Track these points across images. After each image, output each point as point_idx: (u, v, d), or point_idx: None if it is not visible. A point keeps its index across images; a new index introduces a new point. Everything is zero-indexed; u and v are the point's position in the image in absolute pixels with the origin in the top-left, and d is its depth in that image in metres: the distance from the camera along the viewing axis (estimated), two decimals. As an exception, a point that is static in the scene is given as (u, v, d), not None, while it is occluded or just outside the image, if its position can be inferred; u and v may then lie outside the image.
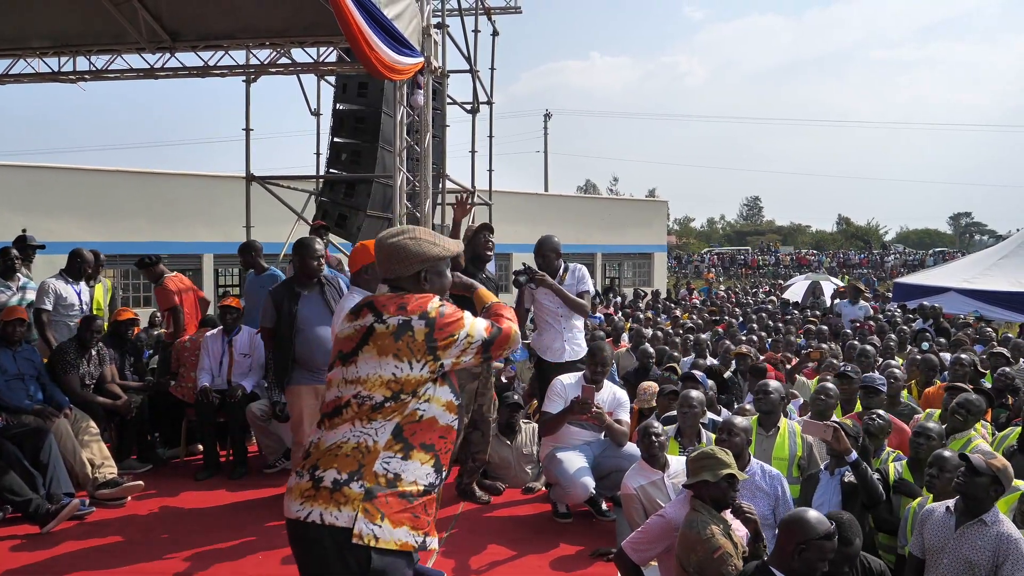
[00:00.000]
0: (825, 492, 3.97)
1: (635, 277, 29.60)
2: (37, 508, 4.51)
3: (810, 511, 2.82)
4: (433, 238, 2.42)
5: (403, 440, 2.18)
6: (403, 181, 7.01)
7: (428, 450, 2.22)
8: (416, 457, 2.19)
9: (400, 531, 2.13)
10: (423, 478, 2.20)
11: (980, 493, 3.18)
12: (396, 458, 2.17)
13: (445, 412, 2.27)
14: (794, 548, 2.70)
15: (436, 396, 2.25)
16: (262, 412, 5.55)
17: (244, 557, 4.21)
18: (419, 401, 2.22)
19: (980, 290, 13.00)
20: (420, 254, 2.36)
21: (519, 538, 4.48)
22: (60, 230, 15.47)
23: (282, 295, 4.67)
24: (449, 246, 2.44)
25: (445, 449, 2.28)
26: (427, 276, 2.37)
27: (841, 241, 62.07)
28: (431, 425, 2.23)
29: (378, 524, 2.10)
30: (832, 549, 2.74)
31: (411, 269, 2.35)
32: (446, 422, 2.27)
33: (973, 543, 3.14)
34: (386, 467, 2.15)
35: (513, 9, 13.45)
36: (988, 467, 3.19)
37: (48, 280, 5.95)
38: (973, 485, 3.18)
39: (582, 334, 5.28)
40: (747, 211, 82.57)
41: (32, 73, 8.20)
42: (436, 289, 2.38)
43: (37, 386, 5.23)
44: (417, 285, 2.37)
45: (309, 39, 7.77)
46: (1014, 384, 5.98)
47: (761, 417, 4.62)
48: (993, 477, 3.19)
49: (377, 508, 2.11)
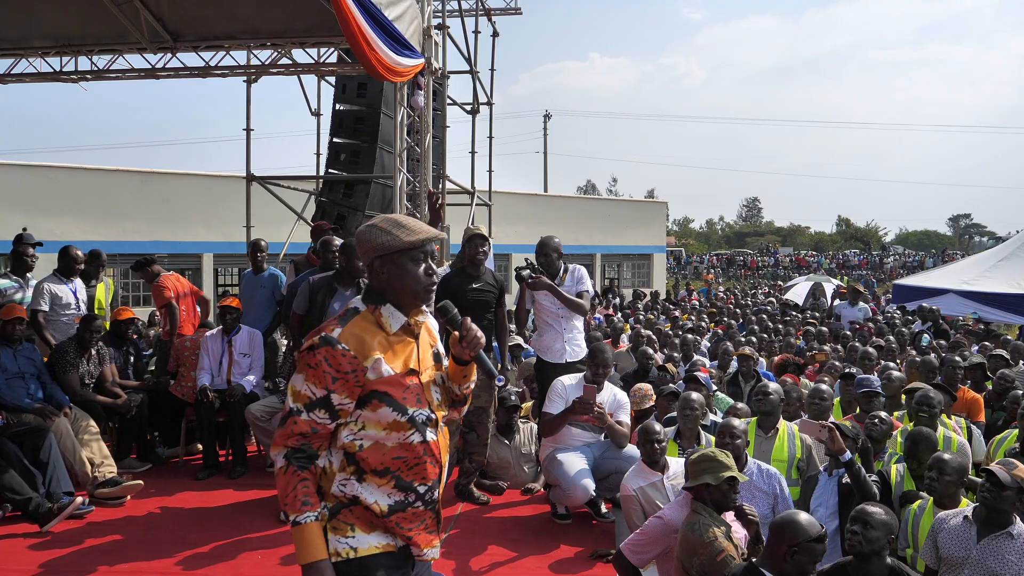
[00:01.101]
0: (823, 493, 3.98)
1: (634, 278, 29.60)
2: (37, 507, 4.52)
3: (801, 513, 2.82)
4: (390, 225, 2.11)
5: (355, 463, 2.07)
6: (403, 182, 7.02)
7: (383, 475, 2.08)
8: (371, 481, 2.07)
9: (375, 536, 2.08)
10: (384, 499, 2.08)
11: (1006, 506, 3.16)
12: (351, 480, 2.07)
13: (390, 434, 2.07)
14: (786, 550, 2.70)
15: (370, 422, 2.06)
16: (262, 412, 5.55)
17: (243, 557, 4.21)
18: (347, 430, 2.06)
19: (979, 292, 12.99)
20: (366, 243, 2.12)
21: (518, 539, 4.48)
22: (60, 229, 15.48)
23: (320, 287, 4.75)
24: (411, 235, 2.10)
25: (411, 464, 2.11)
26: (379, 268, 2.11)
27: (840, 242, 62.10)
28: (377, 451, 2.07)
29: (352, 535, 2.05)
30: (823, 552, 2.74)
31: (365, 260, 2.15)
32: (397, 442, 2.08)
33: (1000, 556, 3.11)
34: (343, 489, 2.06)
35: (513, 10, 13.46)
36: (1014, 479, 3.16)
37: (42, 282, 5.92)
38: (1000, 499, 3.15)
39: (582, 335, 5.28)
40: (746, 212, 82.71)
41: (34, 73, 8.21)
42: (397, 283, 2.10)
43: (37, 385, 5.24)
44: (375, 279, 2.14)
45: (310, 40, 7.78)
46: (1014, 387, 5.99)
47: (760, 419, 4.63)
48: (1019, 489, 3.17)
49: (344, 522, 2.06)
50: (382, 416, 2.06)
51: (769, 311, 14.49)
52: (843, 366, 6.63)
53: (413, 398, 2.12)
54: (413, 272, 2.10)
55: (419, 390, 2.14)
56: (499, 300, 5.08)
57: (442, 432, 2.23)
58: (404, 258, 2.10)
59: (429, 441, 2.14)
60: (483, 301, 4.97)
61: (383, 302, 2.13)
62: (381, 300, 2.13)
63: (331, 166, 9.58)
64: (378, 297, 2.14)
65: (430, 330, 2.29)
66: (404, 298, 2.13)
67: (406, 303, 2.14)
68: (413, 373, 2.14)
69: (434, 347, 2.29)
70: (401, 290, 2.11)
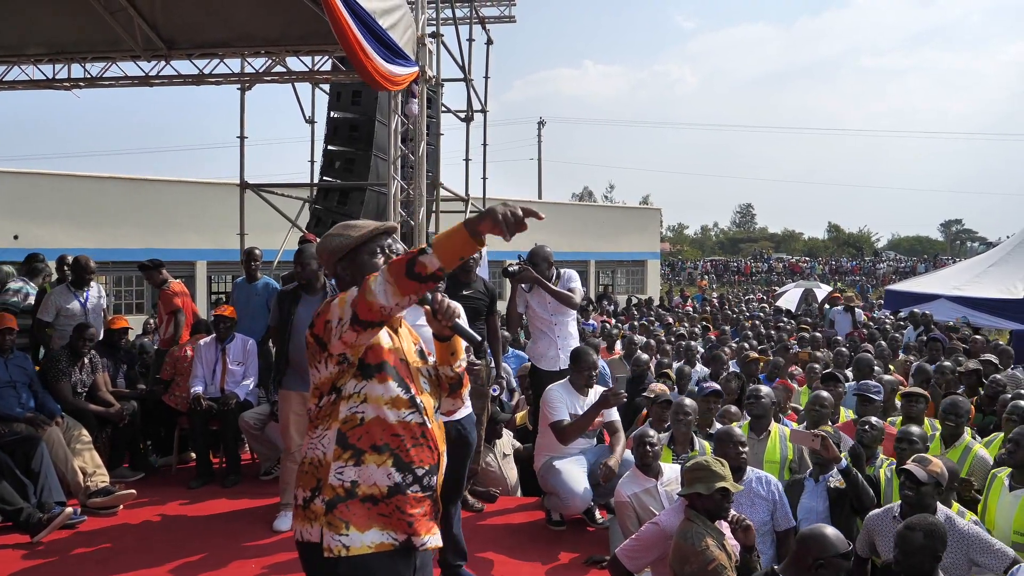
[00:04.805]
0: (812, 498, 4.00)
1: (628, 284, 29.66)
2: (28, 517, 4.48)
3: (829, 528, 2.82)
4: (341, 229, 2.27)
5: (351, 447, 2.10)
6: (397, 189, 7.03)
7: (382, 451, 2.11)
8: (370, 460, 2.10)
9: (370, 534, 2.09)
10: (384, 479, 2.11)
11: (927, 500, 3.29)
12: (348, 466, 2.10)
13: (391, 410, 2.13)
14: (812, 563, 2.72)
15: (373, 395, 2.11)
16: (255, 420, 5.54)
17: (237, 565, 4.19)
18: (350, 403, 2.12)
19: (969, 297, 13.06)
20: (325, 251, 2.26)
21: (513, 546, 4.48)
22: (52, 237, 15.43)
23: (286, 296, 4.75)
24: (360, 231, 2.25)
25: (409, 445, 2.14)
26: (343, 272, 2.25)
27: (833, 248, 62.38)
28: (378, 425, 2.11)
29: (345, 534, 2.07)
30: (847, 569, 2.76)
31: (331, 270, 2.29)
32: (398, 419, 2.13)
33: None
34: (340, 477, 2.09)
35: (507, 18, 13.54)
36: (930, 475, 3.31)
37: (50, 294, 6.18)
38: (920, 495, 3.29)
39: (576, 342, 5.29)
40: (740, 218, 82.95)
41: (27, 80, 8.20)
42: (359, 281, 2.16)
43: (29, 394, 5.22)
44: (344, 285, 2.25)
45: (304, 48, 7.80)
46: (1004, 391, 6.02)
47: (752, 421, 4.67)
48: (936, 483, 3.32)
49: (339, 518, 2.08)
50: (387, 390, 2.13)
51: (762, 317, 14.55)
52: (821, 369, 6.67)
53: (407, 378, 2.19)
54: (373, 265, 2.20)
55: (410, 377, 2.21)
56: (491, 308, 5.08)
57: (437, 423, 2.28)
58: (361, 254, 2.23)
59: (427, 425, 2.20)
60: (474, 308, 4.97)
61: None
62: None
63: (325, 173, 9.60)
64: None
65: (410, 329, 2.38)
66: None
67: None
68: (403, 361, 2.22)
69: (418, 344, 2.37)
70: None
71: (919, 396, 5.06)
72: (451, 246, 1.94)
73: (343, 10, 4.95)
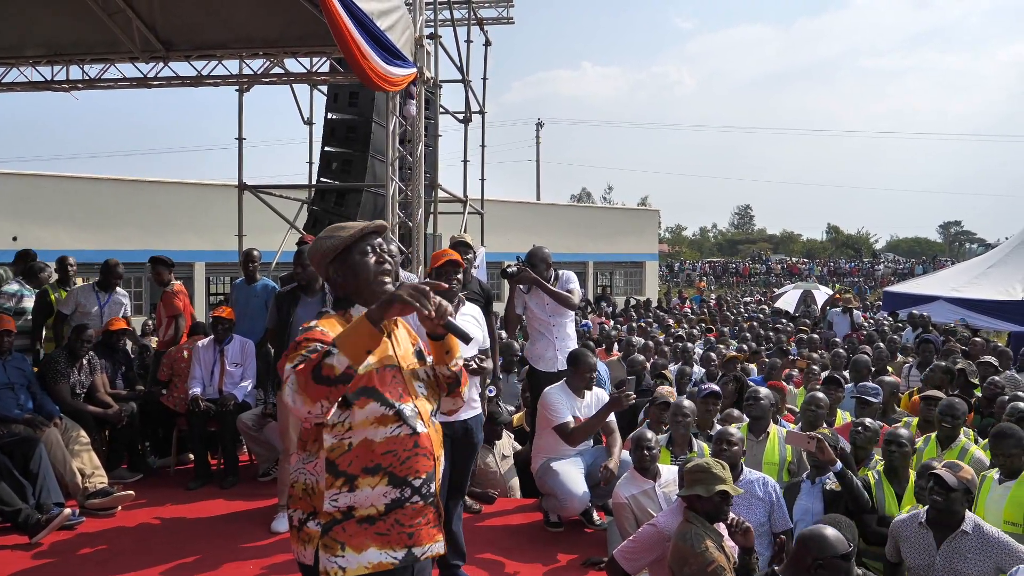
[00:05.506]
0: (808, 500, 4.01)
1: (627, 286, 29.67)
2: (27, 518, 4.48)
3: (830, 528, 2.81)
4: (331, 231, 2.25)
5: (342, 474, 2.06)
6: (395, 190, 7.04)
7: (375, 472, 2.07)
8: (364, 484, 2.06)
9: (368, 553, 2.06)
10: (380, 499, 2.07)
11: (956, 507, 3.24)
12: (343, 493, 2.06)
13: (378, 428, 2.08)
14: (810, 563, 2.72)
15: (357, 421, 2.07)
16: (253, 421, 5.55)
17: (234, 567, 4.19)
18: (334, 431, 2.06)
19: (968, 299, 13.06)
20: (316, 253, 2.24)
21: (511, 547, 4.48)
22: (51, 238, 15.42)
23: (285, 298, 4.75)
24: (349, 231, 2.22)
25: (403, 458, 2.10)
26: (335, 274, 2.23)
27: (831, 249, 62.44)
28: (366, 447, 2.07)
29: (341, 555, 2.04)
30: (847, 570, 2.75)
31: (323, 273, 2.26)
32: (386, 436, 2.09)
33: (962, 556, 3.19)
34: (335, 504, 2.06)
35: (505, 20, 13.54)
36: (960, 481, 3.25)
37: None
38: (950, 501, 3.23)
39: (574, 343, 5.30)
40: (738, 219, 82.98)
41: (25, 82, 8.20)
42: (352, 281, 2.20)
43: (27, 395, 5.21)
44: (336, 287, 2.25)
45: (302, 49, 7.81)
46: (1003, 393, 6.03)
47: (751, 423, 4.67)
48: (966, 490, 3.26)
49: (335, 540, 2.05)
50: (370, 412, 2.08)
51: (760, 318, 14.56)
52: (819, 371, 6.68)
53: (396, 392, 2.14)
54: (364, 264, 2.20)
55: (401, 384, 2.17)
56: (487, 309, 5.09)
57: (434, 426, 2.24)
58: (352, 254, 2.21)
59: (420, 433, 2.15)
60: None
61: (351, 305, 2.23)
62: (349, 304, 2.23)
63: (323, 175, 9.60)
64: (346, 302, 2.24)
65: (408, 329, 2.36)
66: (365, 292, 2.20)
67: (369, 297, 2.19)
68: (392, 368, 2.17)
69: (415, 344, 2.33)
70: (359, 285, 2.21)
71: (937, 399, 5.03)
72: (357, 341, 1.95)
73: (341, 11, 4.95)
